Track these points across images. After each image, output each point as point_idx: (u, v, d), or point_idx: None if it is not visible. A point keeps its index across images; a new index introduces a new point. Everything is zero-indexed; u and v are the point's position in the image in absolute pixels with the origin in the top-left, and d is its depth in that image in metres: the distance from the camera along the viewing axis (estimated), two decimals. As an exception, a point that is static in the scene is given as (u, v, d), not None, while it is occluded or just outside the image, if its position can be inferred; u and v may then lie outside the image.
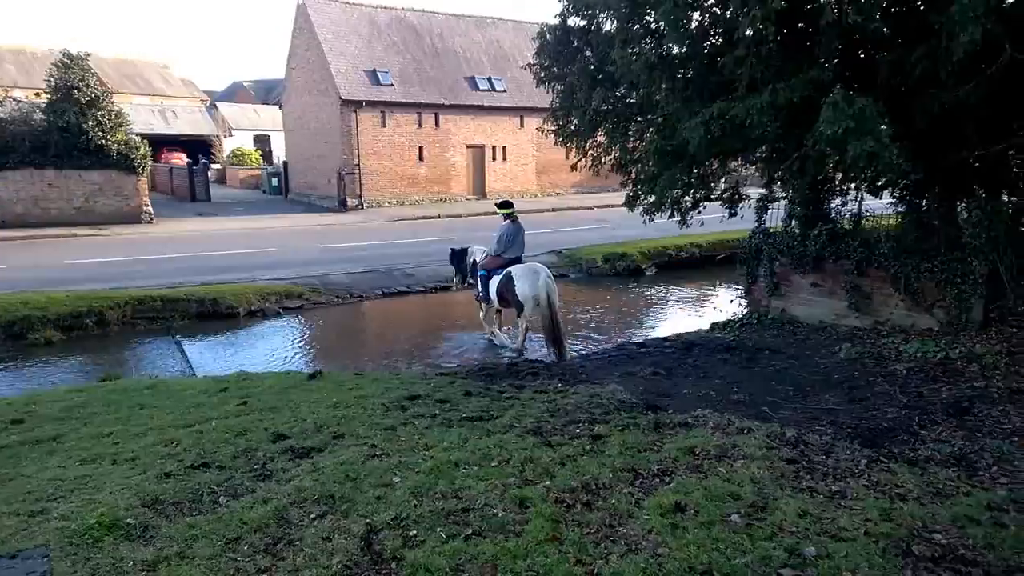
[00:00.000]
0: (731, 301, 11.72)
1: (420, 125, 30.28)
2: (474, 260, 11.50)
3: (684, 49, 7.55)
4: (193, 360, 10.64)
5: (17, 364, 10.49)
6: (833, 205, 10.06)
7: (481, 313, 11.59)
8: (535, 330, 10.40)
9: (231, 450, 5.30)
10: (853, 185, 9.68)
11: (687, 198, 9.20)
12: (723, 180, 10.01)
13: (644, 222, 9.63)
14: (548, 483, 4.46)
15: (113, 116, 22.80)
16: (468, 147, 31.94)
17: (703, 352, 8.96)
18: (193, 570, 3.49)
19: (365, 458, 4.98)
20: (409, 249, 18.85)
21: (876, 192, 9.35)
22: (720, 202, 9.67)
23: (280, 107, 36.14)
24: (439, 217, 27.20)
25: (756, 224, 10.50)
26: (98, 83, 22.64)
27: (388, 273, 16.24)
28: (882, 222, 9.78)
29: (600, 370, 8.34)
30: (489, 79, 32.30)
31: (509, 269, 10.28)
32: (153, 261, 16.81)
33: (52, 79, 21.94)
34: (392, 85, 29.34)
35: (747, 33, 6.68)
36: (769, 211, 10.27)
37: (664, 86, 7.40)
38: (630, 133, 9.11)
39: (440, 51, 31.95)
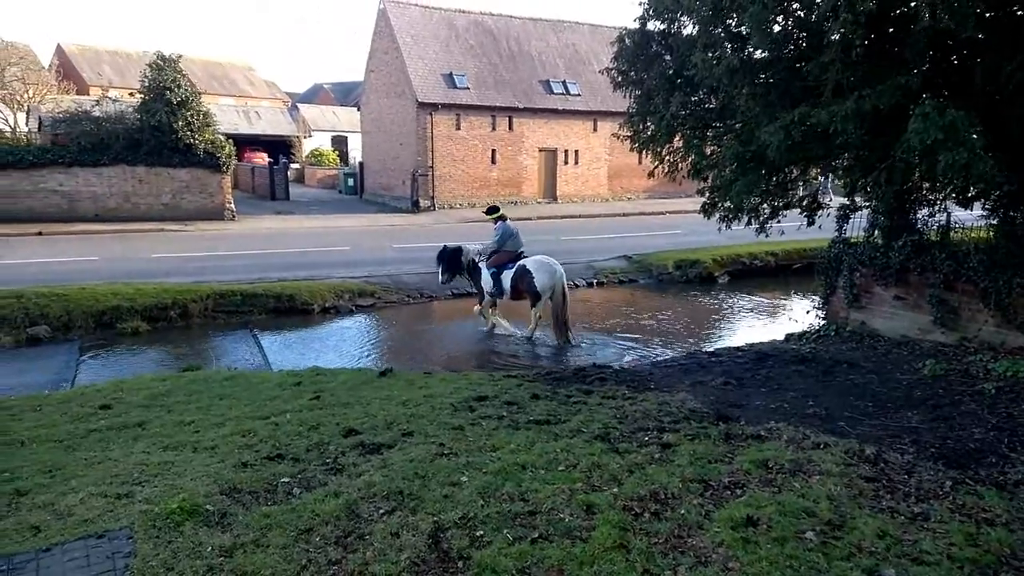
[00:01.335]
0: (807, 312, 11.29)
1: (494, 128, 30.53)
2: (472, 259, 11.96)
3: (767, 53, 7.33)
4: (269, 354, 11.01)
5: (106, 351, 11.11)
6: (919, 215, 9.58)
7: (477, 308, 12.13)
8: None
9: (304, 443, 5.45)
10: (941, 195, 9.20)
11: (765, 206, 8.92)
12: (802, 187, 9.67)
13: (719, 229, 9.41)
14: (615, 490, 4.40)
15: (201, 116, 23.86)
16: (540, 150, 31.99)
17: (777, 363, 8.67)
18: (267, 558, 3.60)
19: (433, 456, 5.03)
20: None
21: (966, 203, 8.85)
22: (799, 210, 9.33)
23: (358, 109, 37.09)
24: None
25: (836, 233, 10.11)
26: (188, 84, 23.71)
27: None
28: (972, 234, 9.25)
29: (669, 378, 8.18)
30: (564, 83, 32.28)
31: (522, 263, 11.31)
32: (234, 257, 17.51)
33: (146, 80, 23.13)
34: (468, 88, 29.69)
35: (834, 37, 6.42)
36: (850, 220, 9.87)
37: (745, 91, 7.19)
38: (708, 138, 8.90)
39: (516, 54, 32.14)
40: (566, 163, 32.84)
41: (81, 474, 4.85)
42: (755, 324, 13.47)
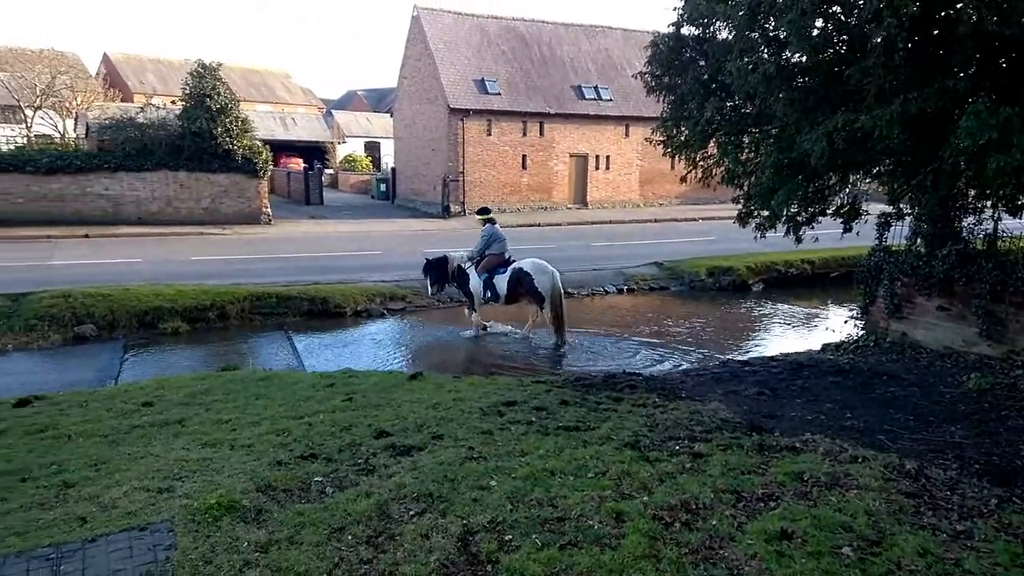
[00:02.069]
0: (845, 322, 11.08)
1: (525, 133, 30.61)
2: (458, 266, 12.01)
3: (806, 58, 7.23)
4: (303, 355, 11.18)
5: (148, 350, 11.39)
6: (964, 223, 9.34)
7: (474, 315, 12.13)
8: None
9: (337, 443, 5.53)
10: (989, 203, 8.95)
11: (803, 213, 8.78)
12: (841, 195, 9.50)
13: (755, 237, 9.29)
14: (646, 499, 4.37)
15: (240, 122, 24.34)
16: (571, 156, 31.97)
17: (813, 374, 8.53)
18: (301, 555, 3.66)
19: (463, 460, 5.06)
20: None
21: (1016, 211, 8.61)
22: (837, 217, 9.17)
23: (391, 115, 37.50)
24: (539, 225, 27.34)
25: (877, 241, 9.91)
26: (227, 91, 24.20)
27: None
28: (1020, 243, 8.99)
29: (701, 386, 8.10)
30: (596, 88, 32.24)
31: (517, 266, 11.55)
32: (270, 260, 17.82)
33: (187, 87, 23.69)
34: (499, 94, 29.83)
35: (876, 41, 6.32)
36: (891, 228, 9.67)
37: (782, 96, 7.10)
38: (744, 145, 8.80)
39: (548, 60, 32.20)
40: (597, 168, 32.76)
41: (125, 468, 4.99)
42: (790, 333, 13.26)
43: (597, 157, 32.60)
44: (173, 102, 27.57)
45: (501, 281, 11.65)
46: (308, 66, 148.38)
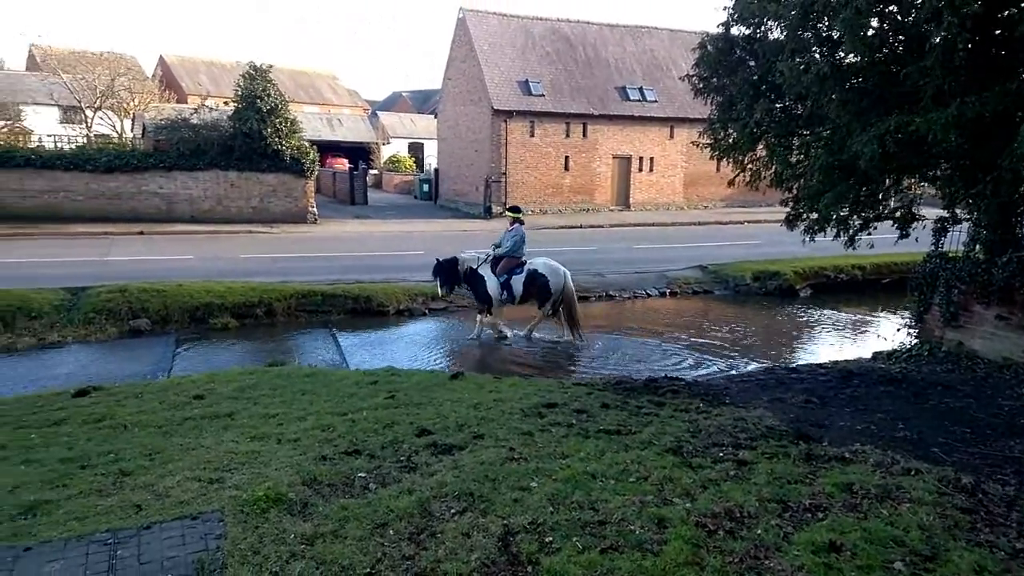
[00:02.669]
0: (897, 330, 10.76)
1: (568, 135, 30.54)
2: (469, 268, 11.94)
3: (859, 58, 7.05)
4: (346, 352, 11.35)
5: (199, 344, 11.72)
6: (1027, 230, 8.99)
7: (485, 317, 12.10)
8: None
9: (380, 440, 5.60)
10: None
11: (854, 217, 8.55)
12: (894, 199, 9.22)
13: (804, 241, 9.08)
14: (688, 505, 4.32)
15: (288, 123, 24.85)
16: (614, 157, 31.78)
17: (864, 383, 8.31)
18: (345, 549, 3.73)
19: (503, 460, 5.08)
20: (551, 258, 18.97)
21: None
22: (891, 222, 8.90)
23: (435, 116, 37.82)
24: (580, 227, 27.26)
25: (932, 247, 9.60)
26: (277, 93, 24.71)
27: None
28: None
29: (746, 393, 7.96)
30: (640, 89, 31.98)
31: (532, 267, 11.81)
32: (315, 259, 18.14)
33: (239, 88, 24.27)
34: (543, 95, 29.83)
35: (935, 41, 6.13)
36: (948, 233, 9.35)
37: (835, 97, 6.92)
38: (793, 147, 8.61)
39: (592, 61, 32.07)
40: (640, 170, 32.49)
41: (177, 458, 5.15)
42: (839, 341, 12.95)
43: (641, 159, 32.33)
44: (225, 103, 28.26)
45: (517, 282, 11.81)
46: (354, 68, 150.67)
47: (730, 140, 8.92)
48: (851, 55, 7.16)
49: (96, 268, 15.53)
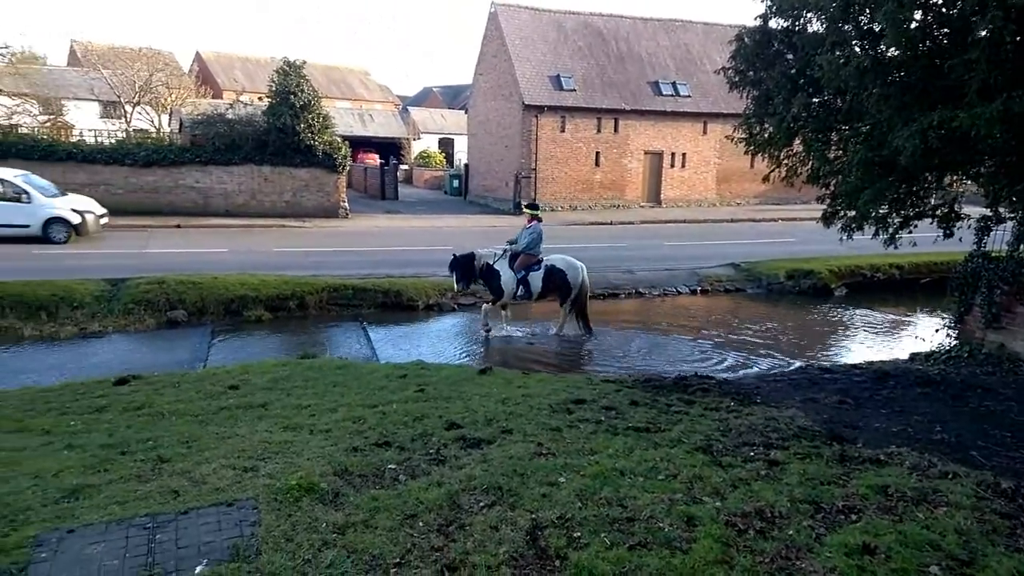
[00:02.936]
0: (936, 331, 10.53)
1: (599, 130, 30.39)
2: (485, 264, 11.94)
3: (902, 52, 6.88)
4: (377, 346, 11.47)
5: (234, 336, 11.94)
6: (1074, 229, 8.71)
7: (486, 306, 12.20)
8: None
9: (409, 433, 5.66)
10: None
11: (894, 215, 8.36)
12: (935, 196, 8.99)
13: (841, 239, 8.91)
14: (718, 504, 4.29)
15: (321, 119, 25.10)
16: (646, 153, 31.54)
17: (900, 384, 8.15)
18: (376, 539, 3.78)
19: (532, 455, 5.09)
20: (579, 254, 18.84)
21: None
22: (931, 220, 8.70)
23: (465, 111, 37.91)
24: (611, 224, 27.12)
25: (974, 246, 9.36)
26: (310, 88, 24.99)
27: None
28: None
29: (778, 392, 7.86)
30: (673, 84, 31.67)
31: (550, 263, 11.93)
32: (346, 253, 18.34)
33: (273, 84, 24.60)
34: (574, 90, 29.70)
35: (981, 34, 5.95)
36: (991, 232, 9.11)
37: (875, 91, 6.75)
38: (832, 142, 8.43)
39: (625, 55, 31.83)
40: (672, 166, 32.20)
41: (213, 447, 5.26)
42: (875, 341, 12.71)
43: (673, 154, 32.04)
44: (260, 98, 28.68)
45: (536, 278, 11.85)
46: (386, 63, 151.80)
47: (766, 135, 8.77)
48: (892, 48, 7.00)
49: (135, 260, 15.91)
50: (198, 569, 3.50)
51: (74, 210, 18.57)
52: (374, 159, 41.21)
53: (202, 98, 36.30)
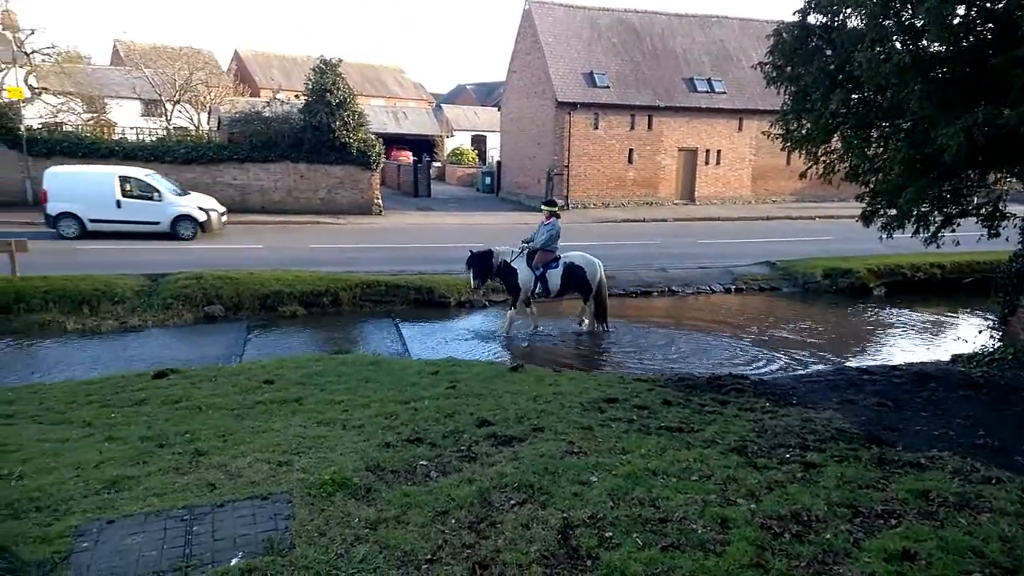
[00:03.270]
0: (979, 332, 10.23)
1: (632, 127, 30.15)
2: (503, 261, 11.88)
3: (944, 47, 6.69)
4: (408, 342, 11.55)
5: (269, 331, 12.13)
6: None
7: (511, 311, 12.10)
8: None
9: (441, 429, 5.69)
10: None
11: (935, 213, 8.14)
12: (979, 194, 8.73)
13: (880, 238, 8.71)
14: (753, 506, 4.23)
15: (356, 116, 25.35)
16: (680, 150, 31.20)
17: (941, 386, 7.94)
18: (407, 535, 3.80)
19: (563, 454, 5.08)
20: (611, 252, 18.81)
21: None
22: (976, 219, 8.45)
23: (498, 109, 37.93)
24: (644, 221, 26.90)
25: (1020, 245, 9.07)
26: (345, 86, 25.24)
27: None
28: None
29: (814, 393, 7.72)
30: (708, 80, 31.25)
31: (568, 260, 11.87)
32: (379, 249, 18.50)
33: (309, 82, 24.91)
34: (608, 87, 29.50)
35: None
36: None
37: (917, 88, 6.58)
38: (871, 139, 8.24)
39: (659, 52, 31.51)
40: (707, 163, 31.80)
41: (248, 441, 5.35)
42: (915, 342, 12.40)
43: (707, 151, 31.64)
44: (296, 96, 29.04)
45: (555, 276, 11.79)
46: (420, 61, 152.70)
47: (803, 131, 8.60)
48: (935, 44, 6.81)
49: (174, 255, 16.26)
50: (233, 561, 3.56)
51: (200, 208, 19.50)
52: (407, 156, 41.47)
53: (240, 96, 36.93)
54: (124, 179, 18.89)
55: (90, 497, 4.31)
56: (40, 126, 25.91)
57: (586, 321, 12.37)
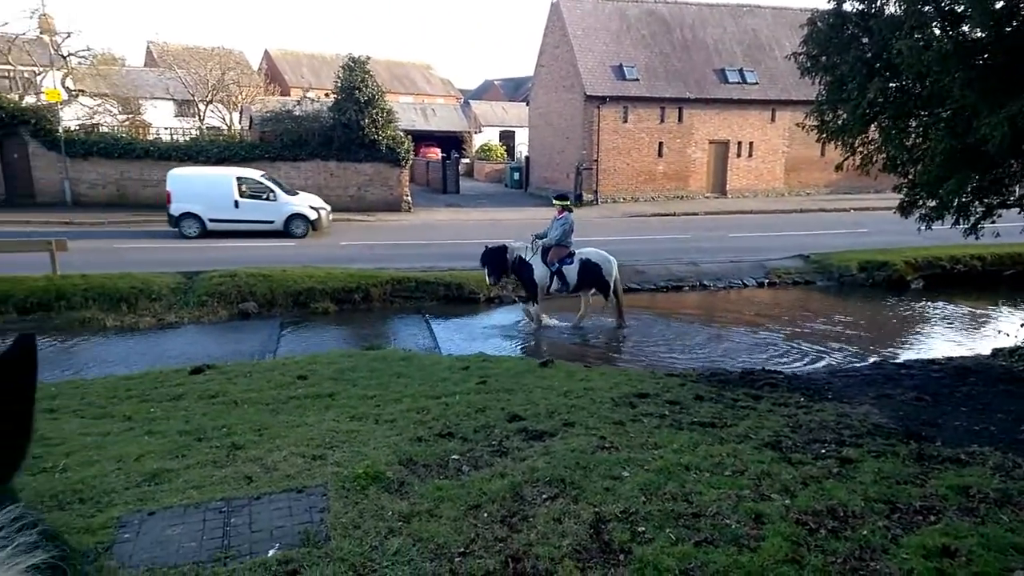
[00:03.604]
0: (1021, 325, 9.95)
1: (662, 120, 29.85)
2: (518, 256, 11.78)
3: (986, 34, 6.49)
4: (439, 338, 11.61)
5: (301, 327, 12.30)
6: None
7: (534, 308, 12.03)
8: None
9: (472, 424, 5.71)
10: None
11: (976, 204, 7.92)
12: (1021, 184, 8.47)
13: (919, 229, 8.51)
14: (787, 502, 4.18)
15: (385, 114, 25.50)
16: (711, 142, 30.82)
17: (981, 380, 7.76)
18: (440, 528, 3.84)
19: (595, 449, 5.07)
20: (641, 246, 18.71)
21: None
22: (1020, 210, 8.19)
23: (527, 104, 37.85)
24: (674, 215, 26.65)
25: (1064, 236, 8.80)
26: (374, 84, 25.40)
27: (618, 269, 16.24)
28: None
29: (850, 388, 7.60)
30: (740, 71, 30.79)
31: (584, 257, 11.77)
32: (409, 246, 18.62)
33: (338, 80, 25.11)
34: (637, 80, 29.25)
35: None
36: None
37: (959, 76, 6.39)
38: (910, 129, 8.04)
39: (690, 43, 31.14)
40: (739, 155, 31.35)
41: (283, 435, 5.44)
42: (954, 336, 12.11)
43: (739, 144, 31.20)
44: (326, 95, 29.31)
45: (571, 272, 11.69)
46: (448, 57, 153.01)
47: (839, 122, 8.41)
48: (977, 30, 6.61)
49: (209, 253, 16.55)
50: (271, 552, 3.63)
51: (311, 207, 20.18)
52: (436, 153, 41.64)
53: (270, 95, 37.42)
54: (240, 180, 19.62)
55: (131, 489, 4.42)
56: (77, 127, 26.54)
57: (579, 316, 12.32)
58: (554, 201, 12.43)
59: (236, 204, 19.34)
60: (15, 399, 0.77)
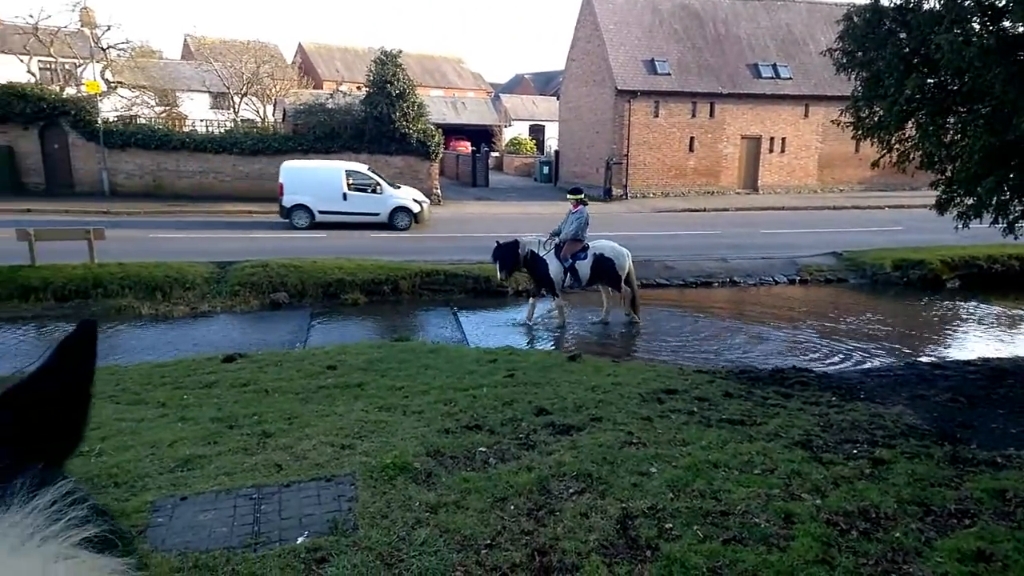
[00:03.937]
0: (1063, 327, 9.70)
1: (694, 115, 29.53)
2: (530, 252, 11.62)
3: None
4: (467, 330, 11.65)
5: (331, 318, 12.44)
6: None
7: (555, 299, 11.92)
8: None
9: (499, 417, 5.73)
10: None
11: (1015, 202, 7.71)
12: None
13: (956, 228, 8.31)
14: (818, 502, 4.13)
15: (416, 107, 25.60)
16: (743, 138, 30.41)
17: (1019, 382, 7.58)
18: (467, 519, 3.86)
19: (622, 444, 5.06)
20: (671, 242, 18.56)
21: None
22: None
23: (557, 98, 37.70)
24: (704, 210, 26.36)
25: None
26: (406, 77, 25.50)
27: (647, 264, 16.09)
28: None
29: (883, 388, 7.46)
30: (773, 66, 30.31)
31: (598, 251, 11.57)
32: (438, 239, 18.70)
33: (370, 74, 25.27)
34: (669, 74, 28.96)
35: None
36: None
37: (999, 71, 6.21)
38: (948, 126, 7.85)
39: (723, 37, 30.73)
40: (771, 151, 30.90)
41: (313, 424, 5.52)
42: (991, 336, 11.81)
43: (772, 139, 30.74)
44: (358, 88, 29.50)
45: (584, 267, 11.56)
46: (479, 51, 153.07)
47: (875, 118, 8.23)
48: (1019, 25, 6.42)
49: (242, 244, 16.81)
50: (300, 540, 3.69)
51: (415, 200, 20.72)
52: (466, 146, 41.66)
53: (304, 88, 37.69)
54: (348, 173, 20.17)
55: (164, 474, 4.52)
56: (116, 119, 27.09)
57: (605, 312, 12.16)
58: (568, 195, 12.35)
59: (344, 196, 19.85)
60: (77, 382, 0.79)
